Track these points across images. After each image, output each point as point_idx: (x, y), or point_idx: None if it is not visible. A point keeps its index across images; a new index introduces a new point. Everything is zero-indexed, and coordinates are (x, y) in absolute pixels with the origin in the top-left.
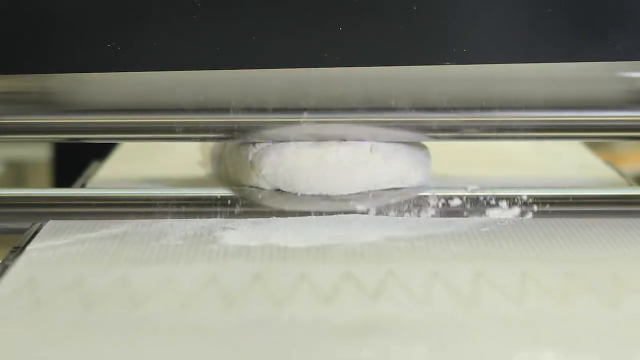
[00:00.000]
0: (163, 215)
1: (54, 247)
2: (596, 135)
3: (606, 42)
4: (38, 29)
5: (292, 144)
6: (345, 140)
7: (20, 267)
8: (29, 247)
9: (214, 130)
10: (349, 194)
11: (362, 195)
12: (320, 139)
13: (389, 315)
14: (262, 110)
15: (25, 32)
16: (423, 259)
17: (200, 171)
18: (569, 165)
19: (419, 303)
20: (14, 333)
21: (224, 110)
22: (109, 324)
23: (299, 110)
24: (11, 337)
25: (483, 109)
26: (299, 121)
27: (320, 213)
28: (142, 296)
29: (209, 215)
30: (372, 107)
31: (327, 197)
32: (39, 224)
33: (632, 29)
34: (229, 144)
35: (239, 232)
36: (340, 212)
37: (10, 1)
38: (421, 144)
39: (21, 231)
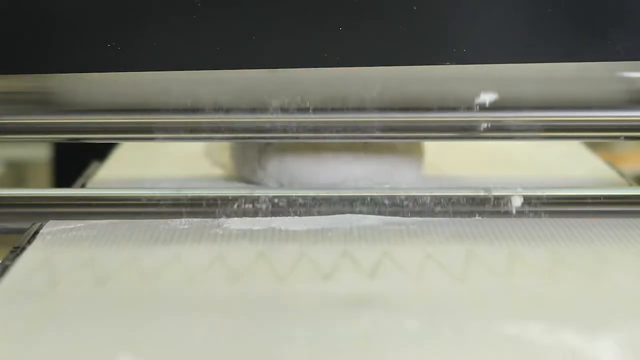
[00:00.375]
0: (164, 215)
1: (66, 231)
2: (596, 135)
3: (606, 42)
4: (38, 29)
5: (293, 143)
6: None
7: (36, 248)
8: (42, 231)
9: (215, 131)
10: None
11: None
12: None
13: (384, 291)
14: (263, 110)
15: (25, 32)
16: (417, 241)
17: (201, 171)
18: (569, 164)
19: (412, 279)
20: (33, 307)
21: (225, 110)
22: (121, 298)
23: (300, 110)
24: (31, 312)
25: (482, 109)
26: (299, 121)
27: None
28: (151, 273)
29: (210, 215)
30: (371, 107)
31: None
32: (39, 224)
33: (632, 28)
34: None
35: (242, 218)
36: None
37: (10, 1)
38: (416, 143)
39: (21, 231)
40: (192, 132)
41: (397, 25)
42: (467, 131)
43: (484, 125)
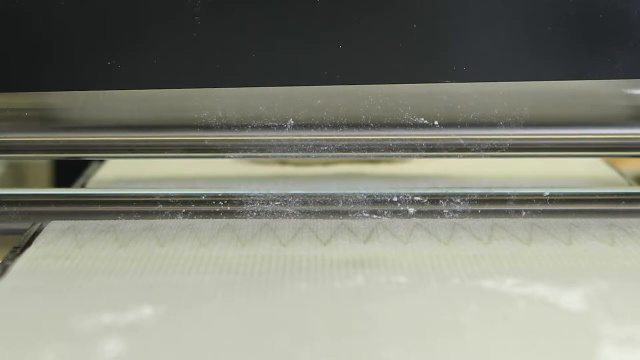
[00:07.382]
0: (163, 214)
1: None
2: (599, 154)
3: (606, 59)
4: (38, 46)
5: None
6: None
7: None
8: None
9: (214, 149)
10: None
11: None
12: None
13: (378, 253)
14: (262, 127)
15: (25, 50)
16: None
17: (201, 169)
18: (570, 164)
19: (403, 244)
20: (63, 266)
21: (223, 127)
22: (141, 258)
23: (301, 126)
24: (60, 270)
25: (487, 126)
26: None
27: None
28: (167, 238)
29: (211, 215)
30: (372, 124)
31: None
32: (39, 224)
33: (632, 46)
34: None
35: None
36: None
37: (9, 20)
38: None
39: (21, 231)
40: (191, 151)
41: (396, 44)
42: (472, 149)
43: (489, 143)
